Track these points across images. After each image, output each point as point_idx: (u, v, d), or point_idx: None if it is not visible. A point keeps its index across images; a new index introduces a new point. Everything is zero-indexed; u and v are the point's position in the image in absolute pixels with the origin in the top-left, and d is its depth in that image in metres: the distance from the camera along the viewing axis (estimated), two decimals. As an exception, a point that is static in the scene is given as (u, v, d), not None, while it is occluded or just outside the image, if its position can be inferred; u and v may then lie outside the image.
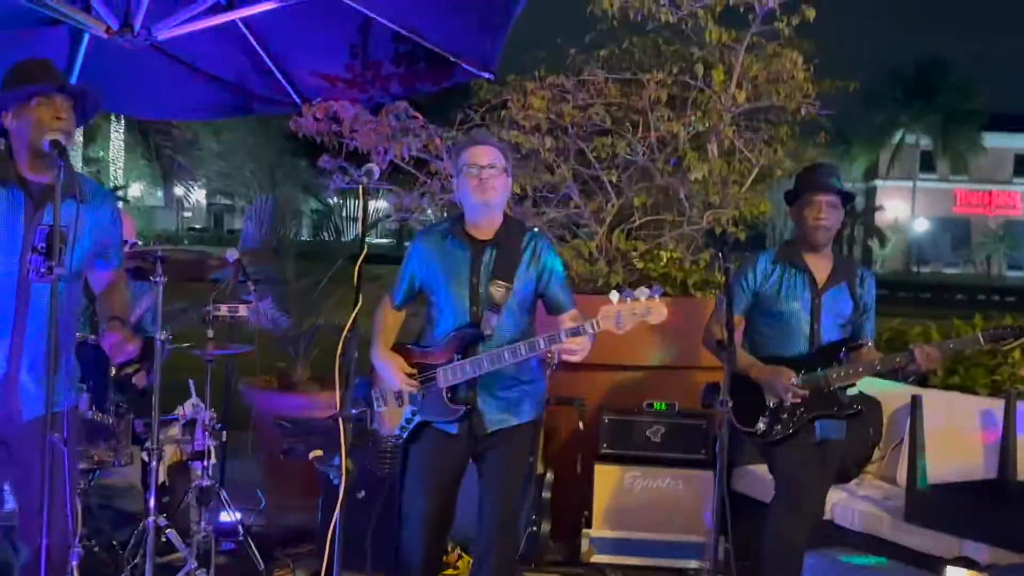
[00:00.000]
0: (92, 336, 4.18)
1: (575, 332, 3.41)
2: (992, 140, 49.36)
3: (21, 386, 3.10)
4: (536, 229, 4.07)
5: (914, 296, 30.72)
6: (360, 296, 3.26)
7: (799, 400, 3.95)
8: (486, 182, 3.61)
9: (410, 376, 3.71)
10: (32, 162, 3.05)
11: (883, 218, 52.35)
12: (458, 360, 3.63)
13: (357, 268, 3.27)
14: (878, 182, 52.74)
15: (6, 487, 3.34)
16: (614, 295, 3.33)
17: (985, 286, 36.88)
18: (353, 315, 3.18)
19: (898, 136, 50.82)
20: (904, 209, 52.54)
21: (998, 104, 49.86)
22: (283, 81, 5.25)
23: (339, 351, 3.18)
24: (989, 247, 51.95)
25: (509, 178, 3.77)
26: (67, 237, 2.89)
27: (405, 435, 3.80)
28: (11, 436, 3.12)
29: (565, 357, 3.49)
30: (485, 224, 3.72)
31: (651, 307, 3.29)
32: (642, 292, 3.30)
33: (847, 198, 4.11)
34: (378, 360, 3.80)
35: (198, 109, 5.99)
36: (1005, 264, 52.29)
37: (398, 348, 3.81)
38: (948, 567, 2.62)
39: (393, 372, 3.74)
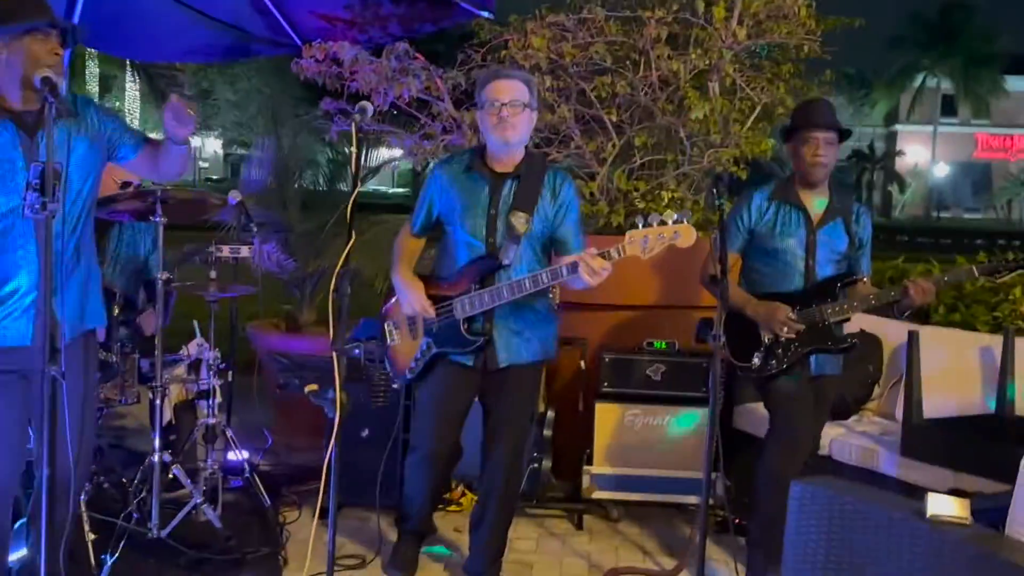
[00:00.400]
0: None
1: (601, 255, 3.37)
2: (1014, 83, 48.61)
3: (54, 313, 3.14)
4: (560, 167, 4.04)
5: (934, 242, 30.48)
6: (353, 233, 3.26)
7: (794, 335, 3.97)
8: (506, 120, 3.59)
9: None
10: (24, 95, 3.06)
11: (903, 163, 51.90)
12: (476, 290, 3.64)
13: (350, 203, 3.27)
14: (898, 127, 52.19)
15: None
16: (640, 219, 3.30)
17: (1006, 231, 36.56)
18: (346, 251, 3.19)
19: (919, 80, 50.14)
20: (924, 154, 52.02)
21: (1021, 47, 49.08)
22: (283, 22, 5.25)
23: (332, 287, 3.20)
24: (1010, 192, 51.39)
25: (534, 112, 3.73)
26: (60, 172, 2.91)
27: (419, 368, 3.83)
28: (35, 366, 3.15)
29: (584, 280, 3.43)
30: (506, 158, 3.73)
31: (679, 230, 3.26)
32: (669, 216, 3.27)
33: (843, 134, 4.09)
34: (398, 283, 3.81)
35: (197, 51, 5.98)
36: (1026, 209, 51.78)
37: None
38: (929, 494, 2.64)
39: (412, 296, 3.74)
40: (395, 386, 4.01)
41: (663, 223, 3.27)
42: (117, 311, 4.24)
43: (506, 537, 4.05)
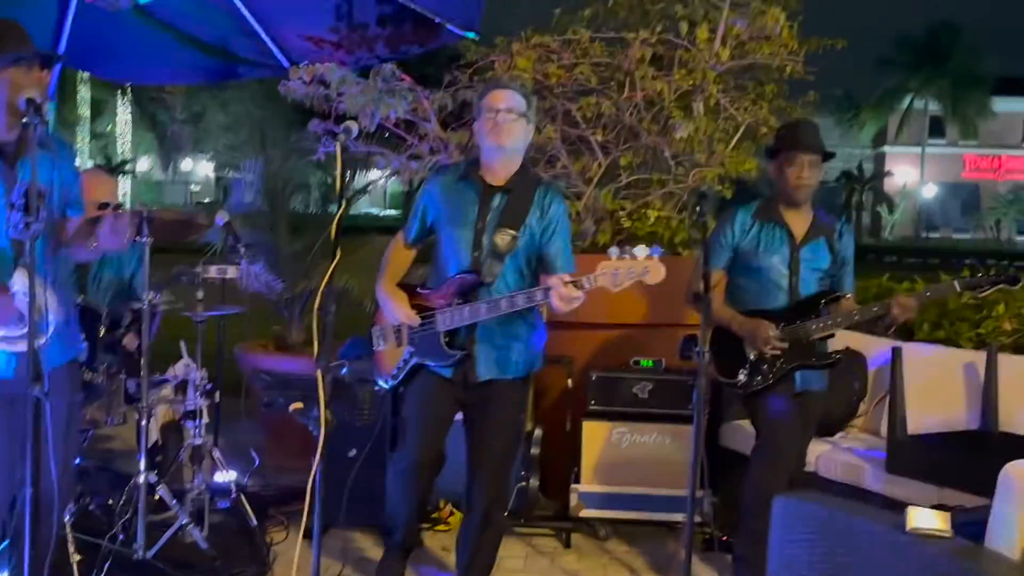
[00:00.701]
0: (80, 297, 4.23)
1: (572, 283, 3.36)
2: (1002, 104, 48.98)
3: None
4: (552, 184, 4.02)
5: (923, 262, 30.63)
6: (338, 251, 3.28)
7: (779, 352, 3.99)
8: (501, 126, 3.61)
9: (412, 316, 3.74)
10: (8, 122, 3.09)
11: (892, 184, 52.18)
12: (457, 305, 3.65)
13: (336, 221, 3.29)
14: (887, 148, 52.51)
15: None
16: (613, 251, 3.28)
17: (995, 251, 36.69)
18: (331, 269, 3.21)
19: (907, 101, 50.49)
20: (913, 175, 52.32)
21: (1008, 68, 49.45)
22: (270, 44, 5.28)
23: (316, 304, 3.21)
24: (999, 212, 51.72)
25: (530, 125, 3.74)
26: (44, 193, 2.94)
27: (401, 375, 3.85)
28: (21, 391, 3.17)
29: (554, 305, 3.43)
30: (500, 169, 3.72)
31: (649, 267, 3.25)
32: (641, 250, 3.24)
33: (827, 155, 4.12)
34: (381, 294, 3.83)
35: (185, 74, 6.03)
36: (1015, 229, 52.04)
37: (403, 288, 3.84)
38: (910, 507, 2.66)
39: (394, 306, 3.76)
40: (377, 388, 4.02)
41: (634, 257, 3.24)
42: (103, 332, 4.24)
43: (494, 556, 4.03)
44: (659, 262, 3.25)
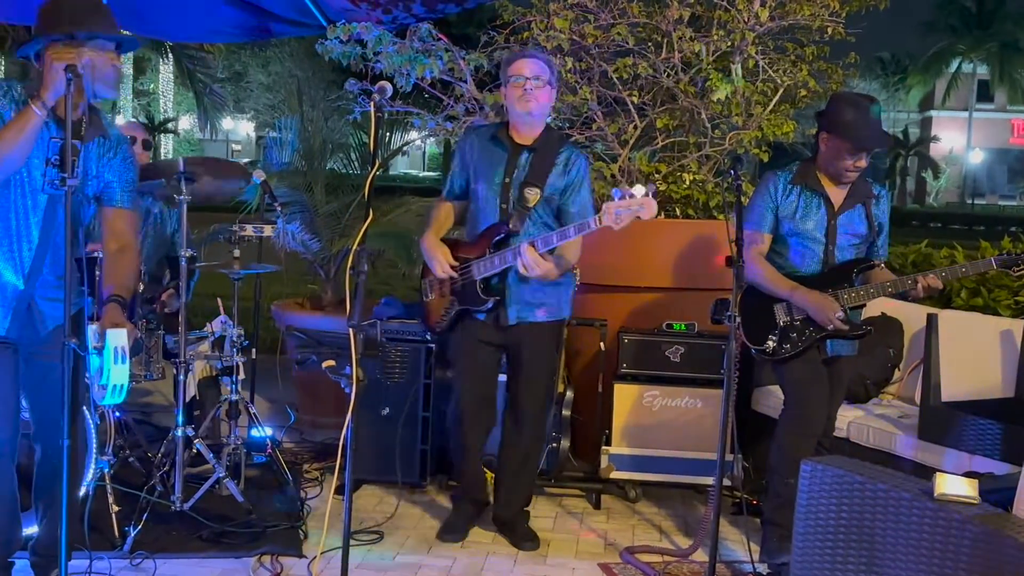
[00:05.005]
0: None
1: (581, 228, 3.78)
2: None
3: (36, 303, 3.24)
4: (575, 145, 4.32)
5: (968, 229, 30.15)
6: (371, 211, 3.30)
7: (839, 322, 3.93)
8: (529, 93, 3.93)
9: (452, 268, 4.05)
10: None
11: (938, 149, 51.29)
12: (490, 255, 3.97)
13: (369, 181, 3.31)
14: (933, 112, 51.57)
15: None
16: (616, 192, 3.62)
17: (1041, 219, 36.06)
18: (363, 228, 3.24)
19: (955, 65, 49.45)
20: (960, 140, 51.40)
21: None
22: (307, 2, 5.28)
23: (349, 263, 3.24)
24: (1047, 178, 50.70)
25: (554, 90, 4.05)
26: (79, 151, 2.99)
27: (446, 323, 4.16)
28: (30, 345, 3.26)
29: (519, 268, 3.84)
30: (526, 131, 4.05)
31: (644, 204, 3.58)
32: (639, 190, 3.58)
33: None
34: (423, 248, 4.15)
35: (223, 32, 6.03)
36: (1063, 196, 51.06)
37: (445, 241, 4.15)
38: (937, 474, 2.65)
39: (434, 260, 4.07)
40: (428, 337, 4.46)
41: (632, 196, 3.58)
42: (142, 288, 4.30)
43: (531, 485, 4.42)
44: (652, 200, 3.59)
